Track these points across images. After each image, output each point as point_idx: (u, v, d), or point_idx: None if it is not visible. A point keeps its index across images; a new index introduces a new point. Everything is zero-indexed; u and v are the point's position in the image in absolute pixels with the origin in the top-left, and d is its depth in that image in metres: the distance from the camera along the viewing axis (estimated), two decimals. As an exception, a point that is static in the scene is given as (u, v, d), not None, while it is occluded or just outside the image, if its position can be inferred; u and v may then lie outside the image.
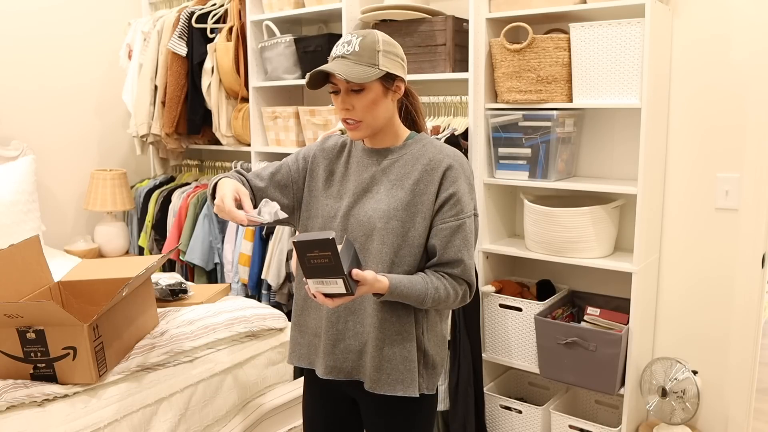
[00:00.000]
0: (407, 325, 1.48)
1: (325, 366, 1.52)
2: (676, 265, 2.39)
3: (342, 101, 1.46)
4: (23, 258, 1.83)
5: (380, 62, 1.43)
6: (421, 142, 1.53)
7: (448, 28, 2.43)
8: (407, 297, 1.41)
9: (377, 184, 1.51)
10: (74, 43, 3.46)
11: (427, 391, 1.53)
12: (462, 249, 1.45)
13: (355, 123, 1.46)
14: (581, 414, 2.58)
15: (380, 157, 1.53)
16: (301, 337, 1.60)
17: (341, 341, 1.51)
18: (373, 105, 1.45)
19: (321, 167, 1.59)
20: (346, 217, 1.50)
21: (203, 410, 1.83)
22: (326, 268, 1.26)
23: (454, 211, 1.45)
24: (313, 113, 2.86)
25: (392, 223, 1.45)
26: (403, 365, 1.47)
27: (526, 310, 2.39)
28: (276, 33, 2.99)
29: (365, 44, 1.43)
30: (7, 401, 1.52)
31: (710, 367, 2.36)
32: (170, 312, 2.05)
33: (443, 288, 1.44)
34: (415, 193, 1.46)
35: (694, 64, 2.27)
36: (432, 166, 1.47)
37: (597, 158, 2.49)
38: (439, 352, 1.55)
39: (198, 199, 3.18)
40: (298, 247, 1.25)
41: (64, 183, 3.50)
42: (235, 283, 2.99)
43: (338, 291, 1.29)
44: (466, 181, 1.48)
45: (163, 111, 3.28)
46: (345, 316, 1.51)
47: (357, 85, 1.43)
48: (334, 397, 1.62)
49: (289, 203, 1.59)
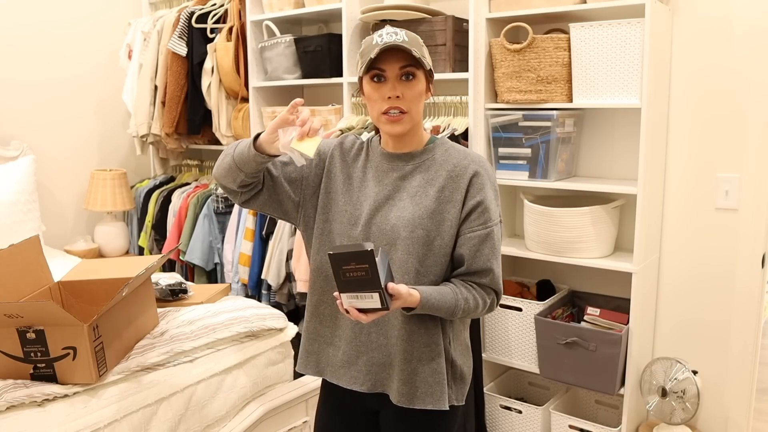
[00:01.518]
0: (435, 337, 1.44)
1: (349, 377, 1.48)
2: (676, 265, 2.39)
3: (392, 88, 1.38)
4: (23, 258, 1.83)
5: (426, 56, 1.42)
6: (443, 146, 1.48)
7: (448, 28, 2.43)
8: (438, 309, 1.36)
9: (400, 190, 1.45)
10: (74, 43, 3.46)
11: (456, 402, 1.48)
12: (491, 258, 1.41)
13: (401, 114, 1.39)
14: (581, 414, 2.58)
15: (402, 163, 1.47)
16: (311, 345, 1.55)
17: (364, 353, 1.46)
18: (420, 97, 1.41)
19: (338, 167, 1.52)
20: (368, 226, 1.44)
21: (203, 410, 1.83)
22: (362, 281, 1.20)
23: (482, 219, 1.41)
24: (313, 113, 2.86)
25: (417, 232, 1.40)
26: (433, 378, 1.43)
27: (526, 310, 2.39)
28: (276, 33, 2.99)
29: (412, 37, 1.40)
30: (7, 401, 1.52)
31: (710, 367, 2.36)
32: (170, 312, 2.05)
33: (473, 298, 1.40)
34: (440, 200, 1.42)
35: (694, 64, 2.27)
36: (457, 172, 1.43)
37: (597, 158, 2.49)
38: (465, 361, 1.51)
39: (198, 199, 3.18)
40: (334, 260, 1.19)
41: (64, 183, 3.50)
42: (235, 283, 2.98)
43: (373, 306, 1.23)
44: (491, 187, 1.44)
45: (163, 111, 3.28)
46: (368, 328, 1.46)
47: (411, 70, 1.38)
48: (353, 408, 1.57)
49: (296, 199, 1.52)
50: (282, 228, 2.78)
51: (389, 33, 1.38)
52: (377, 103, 1.40)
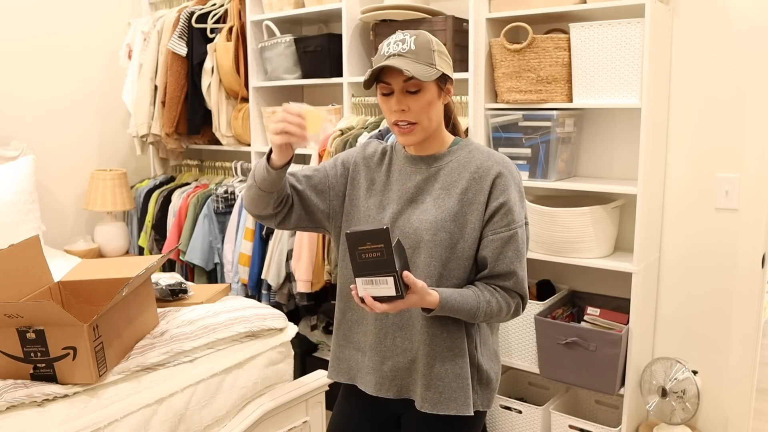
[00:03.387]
0: (458, 341, 1.42)
1: (375, 383, 1.47)
2: (676, 265, 2.39)
3: (397, 102, 1.37)
4: (23, 258, 1.83)
5: (436, 62, 1.37)
6: (466, 147, 1.46)
7: (448, 28, 2.43)
8: (458, 312, 1.35)
9: (423, 193, 1.44)
10: (74, 43, 3.46)
11: (482, 407, 1.47)
12: (514, 261, 1.39)
13: (410, 126, 1.38)
14: (581, 414, 2.58)
15: (425, 165, 1.45)
16: (341, 351, 1.55)
17: (390, 358, 1.45)
18: (429, 107, 1.38)
19: (362, 175, 1.52)
20: (391, 229, 1.43)
21: (203, 410, 1.83)
22: (377, 263, 1.21)
23: (505, 221, 1.38)
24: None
25: (440, 234, 1.39)
26: (456, 383, 1.41)
27: (526, 310, 2.38)
28: (276, 33, 2.99)
29: (420, 43, 1.36)
30: (7, 401, 1.52)
31: (710, 367, 2.36)
32: (170, 312, 2.05)
33: (495, 302, 1.38)
34: (463, 202, 1.40)
35: (694, 64, 2.27)
36: (480, 173, 1.40)
37: (597, 158, 2.49)
38: (492, 366, 1.49)
39: (198, 199, 3.18)
40: (350, 239, 1.20)
41: (64, 183, 3.50)
42: (235, 283, 2.99)
43: (388, 292, 1.23)
44: (516, 188, 1.41)
45: (163, 111, 3.28)
46: (393, 332, 1.45)
47: (414, 85, 1.36)
48: (379, 414, 1.56)
49: (325, 209, 1.52)
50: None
51: (396, 42, 1.36)
52: (387, 114, 1.41)
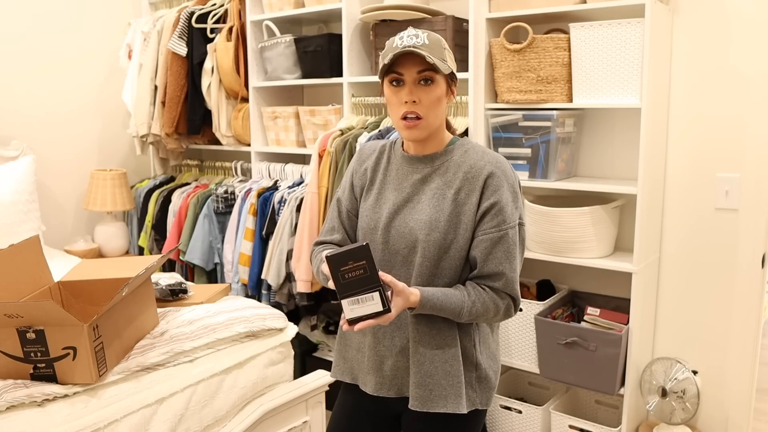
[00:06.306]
0: (450, 339, 1.42)
1: (375, 383, 1.48)
2: (676, 265, 2.39)
3: (409, 92, 1.37)
4: (23, 258, 1.83)
5: (447, 59, 1.39)
6: (463, 147, 1.46)
7: (448, 28, 2.42)
8: (441, 310, 1.36)
9: (419, 193, 1.44)
10: (74, 43, 3.46)
11: (480, 406, 1.47)
12: (503, 262, 1.38)
13: (416, 120, 1.38)
14: (581, 414, 2.58)
15: (422, 165, 1.46)
16: (345, 351, 1.56)
17: (389, 358, 1.46)
18: (438, 102, 1.39)
19: (359, 182, 1.55)
20: (387, 229, 1.44)
21: (203, 410, 1.83)
22: (361, 280, 1.21)
23: (495, 221, 1.38)
24: (313, 113, 2.86)
25: (434, 235, 1.39)
26: (446, 380, 1.41)
27: (526, 310, 2.39)
28: (276, 33, 2.99)
29: (433, 39, 1.37)
30: (7, 401, 1.52)
31: (710, 367, 2.36)
32: (170, 312, 2.05)
33: (481, 302, 1.38)
34: (457, 203, 1.40)
35: (694, 64, 2.27)
36: (473, 173, 1.41)
37: (597, 158, 2.49)
38: (492, 365, 1.49)
39: (198, 199, 3.18)
40: (332, 262, 1.20)
41: (64, 183, 3.50)
42: (235, 283, 2.98)
43: (375, 309, 1.24)
44: (509, 188, 1.41)
45: (163, 111, 3.28)
46: (391, 332, 1.46)
47: (429, 75, 1.36)
48: (379, 413, 1.56)
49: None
50: (282, 228, 2.78)
51: (410, 35, 1.37)
52: (395, 107, 1.40)
